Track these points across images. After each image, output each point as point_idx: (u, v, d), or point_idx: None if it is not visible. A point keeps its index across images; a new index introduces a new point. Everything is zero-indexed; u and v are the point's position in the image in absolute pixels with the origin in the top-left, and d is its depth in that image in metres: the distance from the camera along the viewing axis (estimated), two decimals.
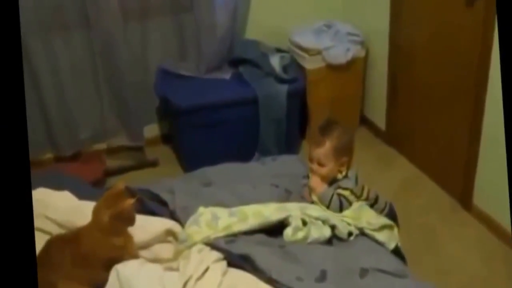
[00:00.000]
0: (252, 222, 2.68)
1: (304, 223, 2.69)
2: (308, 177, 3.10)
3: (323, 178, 2.95)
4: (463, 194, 4.04)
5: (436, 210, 4.04)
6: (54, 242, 2.39)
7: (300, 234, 2.64)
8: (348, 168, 2.99)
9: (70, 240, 2.38)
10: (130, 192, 2.98)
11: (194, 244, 2.57)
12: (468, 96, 3.76)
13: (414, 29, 4.33)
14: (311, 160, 2.97)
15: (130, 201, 2.35)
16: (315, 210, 2.78)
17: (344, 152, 2.94)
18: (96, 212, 2.37)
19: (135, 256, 2.42)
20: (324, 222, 2.70)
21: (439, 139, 4.24)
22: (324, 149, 2.89)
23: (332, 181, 2.95)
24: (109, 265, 2.34)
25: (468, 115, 3.80)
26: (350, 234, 2.72)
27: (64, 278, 2.26)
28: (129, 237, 2.41)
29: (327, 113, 4.91)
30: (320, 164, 2.92)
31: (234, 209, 2.74)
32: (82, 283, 2.30)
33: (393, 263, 2.58)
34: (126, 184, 2.47)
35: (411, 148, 4.60)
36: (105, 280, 2.31)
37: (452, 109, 4.02)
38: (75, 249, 2.31)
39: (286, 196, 3.02)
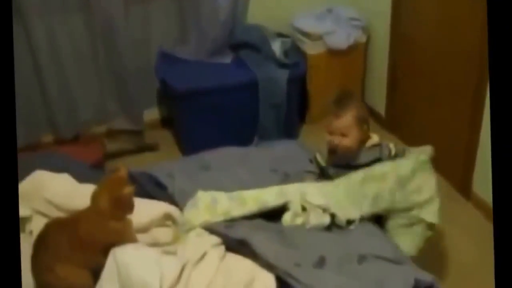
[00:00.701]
0: (251, 207, 2.68)
1: (304, 209, 2.70)
2: (314, 160, 3.13)
3: (349, 149, 2.97)
4: (462, 182, 4.03)
5: None
6: (52, 226, 2.39)
7: (299, 220, 2.66)
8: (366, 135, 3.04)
9: (68, 223, 2.38)
10: (129, 176, 3.00)
11: (193, 228, 2.58)
12: (469, 83, 3.75)
13: (416, 15, 4.32)
14: (331, 133, 2.98)
15: (131, 189, 2.35)
16: (316, 198, 2.77)
17: (364, 120, 2.98)
18: (95, 196, 2.37)
19: (134, 241, 2.42)
20: (324, 210, 2.70)
21: (439, 127, 4.23)
22: (346, 119, 2.92)
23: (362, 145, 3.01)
24: (107, 249, 2.34)
25: (468, 103, 3.79)
26: (349, 222, 2.73)
27: (62, 261, 2.27)
28: (128, 222, 2.41)
29: (327, 98, 4.92)
30: (343, 135, 2.94)
31: (233, 194, 2.75)
32: (80, 266, 2.31)
33: (391, 250, 2.58)
34: (127, 170, 2.46)
35: (411, 135, 4.59)
36: (103, 264, 2.32)
37: (453, 96, 4.01)
38: (73, 233, 2.31)
39: (285, 179, 3.02)
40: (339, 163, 3.07)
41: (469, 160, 3.90)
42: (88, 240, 2.31)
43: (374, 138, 3.05)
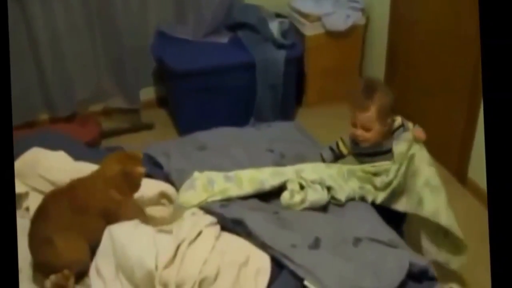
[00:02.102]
0: (247, 188, 2.71)
1: (302, 187, 2.72)
2: (336, 148, 3.15)
3: (370, 142, 2.97)
4: (458, 167, 4.05)
5: None
6: (50, 196, 2.43)
7: (298, 197, 2.68)
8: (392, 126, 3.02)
9: (66, 190, 2.42)
10: None
11: (191, 207, 2.59)
12: (468, 69, 3.75)
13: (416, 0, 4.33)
14: (354, 125, 2.96)
15: (143, 169, 2.41)
16: (310, 173, 2.80)
17: (387, 114, 2.94)
18: (107, 163, 2.44)
19: (130, 218, 2.44)
20: (320, 184, 2.73)
21: (436, 112, 4.24)
22: (370, 114, 2.89)
23: (393, 132, 3.00)
24: (104, 214, 2.40)
25: (466, 88, 3.80)
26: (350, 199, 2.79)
27: (63, 228, 2.31)
28: (129, 199, 2.47)
29: (324, 80, 4.93)
30: (365, 129, 2.92)
31: (229, 174, 2.77)
32: (80, 233, 2.34)
33: (386, 233, 2.60)
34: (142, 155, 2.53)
35: (408, 119, 4.58)
36: (100, 236, 2.37)
37: (451, 81, 4.02)
38: (73, 197, 2.36)
39: (281, 159, 3.04)
40: (363, 152, 3.09)
41: (465, 146, 3.92)
42: (86, 202, 2.37)
43: (397, 122, 3.04)
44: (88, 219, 2.36)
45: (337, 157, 3.19)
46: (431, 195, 2.85)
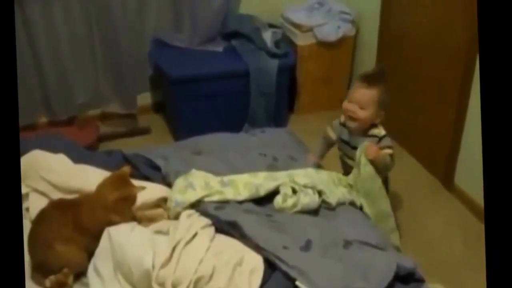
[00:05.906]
0: (243, 193, 2.76)
1: (294, 191, 2.78)
2: (325, 134, 3.32)
3: (360, 122, 3.06)
4: (445, 174, 4.10)
5: (417, 189, 4.09)
6: (56, 205, 2.49)
7: (290, 201, 2.73)
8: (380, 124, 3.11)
9: (72, 205, 2.48)
10: (124, 158, 3.07)
11: (189, 205, 2.64)
12: (455, 79, 3.80)
13: (405, 11, 4.38)
14: (350, 100, 3.04)
15: (137, 190, 2.48)
16: (303, 177, 2.87)
17: (384, 105, 3.03)
18: (101, 189, 2.49)
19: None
20: (312, 188, 2.80)
21: (423, 119, 4.30)
22: (371, 93, 2.99)
23: (367, 129, 3.09)
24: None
25: (454, 98, 3.85)
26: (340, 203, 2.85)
27: (63, 239, 2.37)
28: (126, 216, 2.52)
29: (315, 88, 5.00)
30: (360, 106, 3.01)
31: (225, 179, 2.82)
32: (80, 247, 2.40)
33: (376, 237, 2.65)
34: (130, 169, 2.58)
35: (395, 126, 4.62)
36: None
37: (439, 90, 4.07)
38: (77, 215, 2.42)
39: (273, 163, 3.10)
40: (342, 138, 3.22)
41: (452, 152, 3.97)
42: (87, 224, 2.42)
43: (381, 131, 3.13)
44: (87, 239, 2.40)
45: (328, 144, 3.35)
46: (368, 205, 3.03)
